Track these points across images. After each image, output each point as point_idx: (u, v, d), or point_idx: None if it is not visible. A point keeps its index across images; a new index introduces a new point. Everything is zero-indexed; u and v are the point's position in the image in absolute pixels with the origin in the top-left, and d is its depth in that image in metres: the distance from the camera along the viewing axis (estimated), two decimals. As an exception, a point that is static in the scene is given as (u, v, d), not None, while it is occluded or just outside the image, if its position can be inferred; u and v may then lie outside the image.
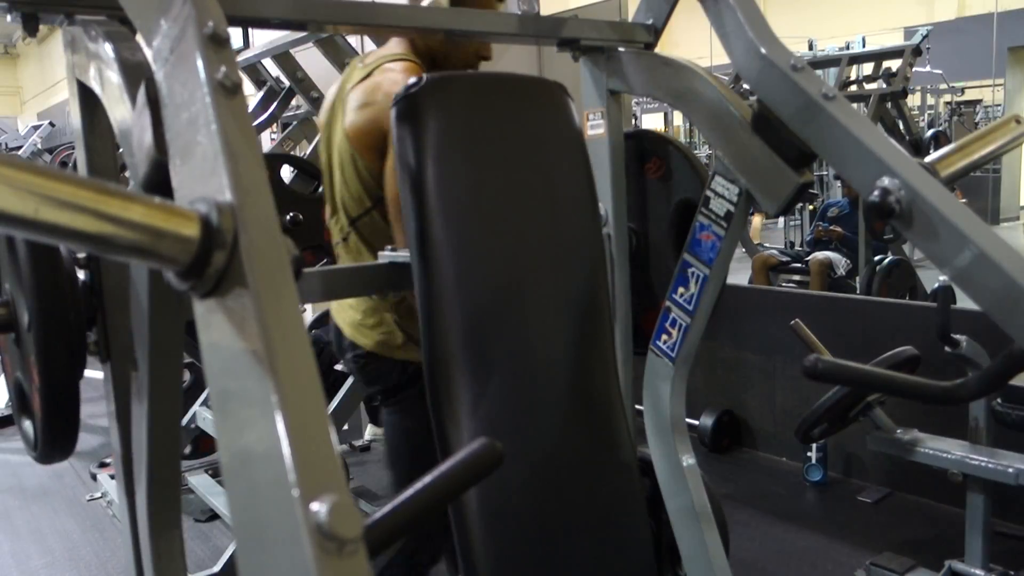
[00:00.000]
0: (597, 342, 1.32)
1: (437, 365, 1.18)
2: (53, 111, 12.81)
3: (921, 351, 1.85)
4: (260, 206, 0.51)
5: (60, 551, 2.94)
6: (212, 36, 0.56)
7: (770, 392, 3.47)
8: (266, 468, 0.43)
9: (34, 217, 0.46)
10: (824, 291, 4.56)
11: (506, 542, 1.18)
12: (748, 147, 1.20)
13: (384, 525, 0.63)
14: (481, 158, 1.25)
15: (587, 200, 1.36)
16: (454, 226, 1.19)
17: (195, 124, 0.54)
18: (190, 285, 0.51)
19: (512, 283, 1.25)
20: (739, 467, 3.45)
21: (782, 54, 1.13)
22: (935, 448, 2.07)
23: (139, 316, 0.85)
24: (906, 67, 4.56)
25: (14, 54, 19.59)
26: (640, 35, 1.42)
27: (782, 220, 7.58)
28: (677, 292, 1.36)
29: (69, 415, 0.92)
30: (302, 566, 0.39)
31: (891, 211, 0.98)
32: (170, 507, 0.97)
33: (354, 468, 3.62)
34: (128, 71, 0.78)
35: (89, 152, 1.02)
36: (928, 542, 2.68)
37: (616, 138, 1.46)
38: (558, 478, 1.25)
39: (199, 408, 3.06)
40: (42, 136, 7.32)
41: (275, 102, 3.94)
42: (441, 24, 1.35)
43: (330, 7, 1.22)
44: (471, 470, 0.67)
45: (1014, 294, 0.87)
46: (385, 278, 1.39)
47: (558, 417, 1.26)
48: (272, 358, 0.45)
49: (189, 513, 3.10)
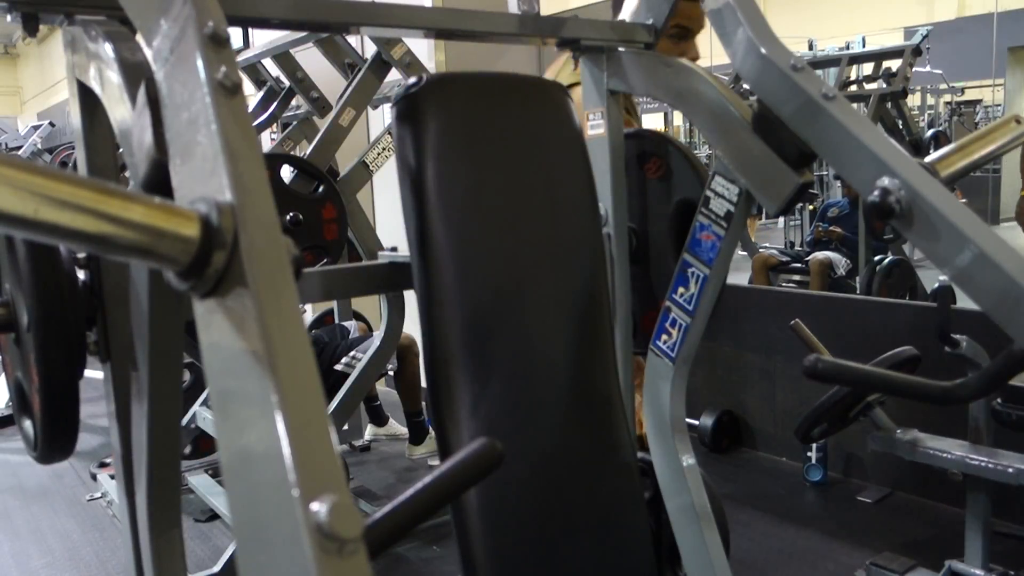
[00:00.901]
0: (597, 342, 1.32)
1: (437, 365, 1.18)
2: (53, 111, 12.80)
3: (921, 351, 1.85)
4: (260, 206, 0.51)
5: (60, 551, 2.94)
6: (212, 36, 0.56)
7: (770, 392, 3.47)
8: (266, 468, 0.43)
9: (34, 217, 0.46)
10: (824, 291, 4.56)
11: (506, 542, 1.18)
12: (748, 147, 1.20)
13: (384, 525, 0.63)
14: (481, 158, 1.25)
15: (587, 200, 1.36)
16: (454, 226, 1.19)
17: (195, 124, 0.54)
18: (190, 285, 0.51)
19: (512, 283, 1.25)
20: (739, 467, 3.45)
21: (782, 54, 1.13)
22: (935, 448, 2.07)
23: (139, 316, 0.85)
24: (906, 67, 4.56)
25: (14, 54, 19.58)
26: (640, 35, 1.42)
27: (782, 220, 7.57)
28: (677, 292, 1.36)
29: (69, 415, 0.92)
30: (302, 566, 0.39)
31: (891, 211, 0.98)
32: (170, 507, 0.97)
33: (354, 468, 3.62)
34: (128, 71, 0.78)
35: (89, 152, 1.02)
36: (928, 542, 2.67)
37: (616, 138, 1.46)
38: (558, 478, 1.25)
39: (199, 408, 3.06)
40: (42, 136, 7.31)
41: (275, 102, 3.94)
42: (441, 24, 1.35)
43: (330, 7, 1.22)
44: (471, 470, 0.67)
45: (1014, 294, 0.87)
46: (385, 278, 1.39)
47: (558, 417, 1.26)
48: (272, 358, 0.45)
49: (189, 513, 3.10)
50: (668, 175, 1.54)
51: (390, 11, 1.27)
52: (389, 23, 1.29)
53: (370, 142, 3.25)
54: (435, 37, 1.62)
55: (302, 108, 3.86)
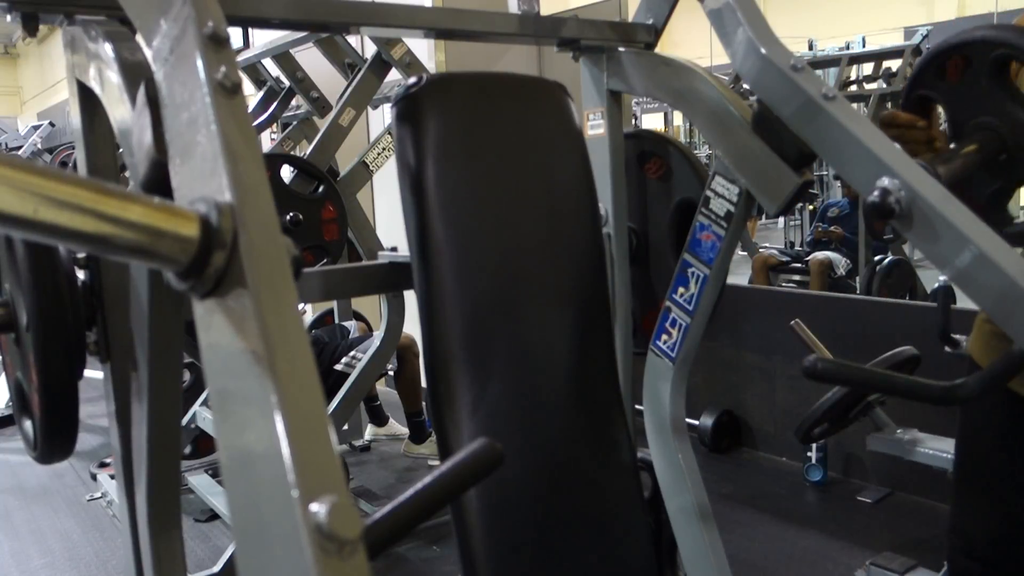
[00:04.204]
0: (597, 342, 1.32)
1: (437, 365, 1.18)
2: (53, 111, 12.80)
3: (921, 351, 1.85)
4: (260, 206, 0.51)
5: (60, 551, 2.94)
6: (212, 36, 0.56)
7: (770, 392, 3.47)
8: (266, 468, 0.43)
9: (34, 217, 0.45)
10: (824, 291, 4.56)
11: (506, 542, 1.18)
12: (748, 147, 1.20)
13: (384, 525, 0.63)
14: (481, 158, 1.25)
15: (587, 200, 1.36)
16: (454, 226, 1.19)
17: (195, 124, 0.54)
18: (190, 285, 0.51)
19: (512, 283, 1.25)
20: (739, 467, 3.45)
21: (782, 54, 1.13)
22: (935, 448, 2.07)
23: (139, 316, 0.85)
24: (906, 67, 4.56)
25: (14, 54, 19.58)
26: (640, 35, 1.42)
27: (782, 220, 7.57)
28: (677, 292, 1.36)
29: (67, 415, 0.91)
30: (302, 566, 0.39)
31: (891, 211, 0.98)
32: (170, 507, 0.97)
33: (354, 468, 3.62)
34: (128, 71, 0.78)
35: (89, 152, 1.02)
36: (928, 542, 2.67)
37: (616, 138, 1.46)
38: (558, 478, 1.25)
39: (199, 408, 3.06)
40: (42, 136, 7.31)
41: (275, 102, 3.94)
42: (441, 24, 1.35)
43: (330, 7, 1.22)
44: (471, 470, 0.67)
45: (1014, 294, 0.87)
46: (385, 278, 1.39)
47: (558, 417, 1.26)
48: (272, 358, 0.45)
49: (189, 513, 3.10)
50: (668, 175, 1.54)
51: (390, 11, 1.27)
52: (389, 23, 1.29)
53: (370, 142, 3.25)
54: (435, 37, 1.62)
55: (302, 108, 3.86)
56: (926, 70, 1.16)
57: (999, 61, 1.08)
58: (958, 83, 1.14)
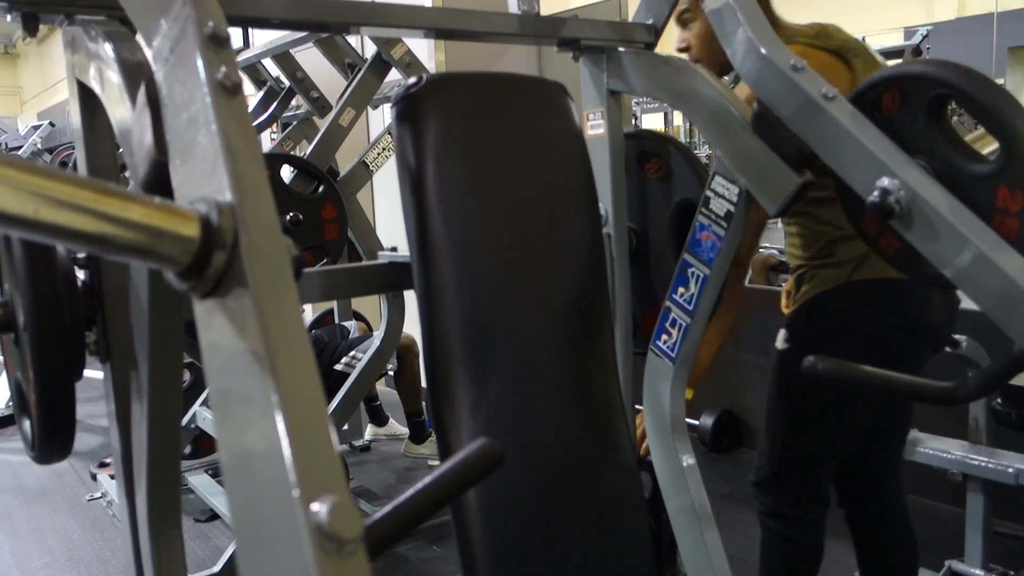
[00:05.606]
0: (597, 342, 1.32)
1: (437, 365, 1.18)
2: (53, 111, 12.79)
3: (921, 351, 1.85)
4: (260, 206, 0.51)
5: (60, 551, 2.94)
6: (212, 36, 0.56)
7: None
8: (266, 468, 0.43)
9: (34, 217, 0.45)
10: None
11: (506, 542, 1.18)
12: (748, 147, 1.20)
13: (384, 525, 0.63)
14: (481, 158, 1.25)
15: (587, 200, 1.36)
16: (454, 226, 1.19)
17: (195, 124, 0.54)
18: (190, 285, 0.51)
19: (512, 283, 1.25)
20: (739, 467, 3.44)
21: (782, 54, 1.13)
22: (935, 448, 2.07)
23: (139, 316, 0.85)
24: (906, 67, 4.55)
25: (14, 54, 19.57)
26: (640, 35, 1.42)
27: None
28: (677, 292, 1.36)
29: (64, 415, 0.91)
30: (302, 566, 0.39)
31: (891, 211, 0.98)
32: (170, 507, 0.97)
33: (354, 468, 3.62)
34: (128, 71, 0.78)
35: (89, 152, 1.02)
36: (928, 542, 2.66)
37: (616, 138, 1.46)
38: (558, 478, 1.25)
39: (199, 408, 3.06)
40: (42, 136, 7.30)
41: (275, 102, 3.94)
42: (441, 24, 1.35)
43: (330, 7, 1.22)
44: (471, 470, 0.67)
45: (1014, 294, 0.87)
46: (385, 278, 1.39)
47: (558, 417, 1.26)
48: (272, 358, 0.45)
49: (189, 513, 3.10)
50: (668, 175, 1.54)
51: (390, 11, 1.27)
52: (389, 23, 1.29)
53: (370, 142, 3.25)
54: (435, 37, 1.62)
55: (302, 108, 3.86)
56: (859, 101, 1.10)
57: (937, 101, 1.03)
58: (890, 118, 1.08)
